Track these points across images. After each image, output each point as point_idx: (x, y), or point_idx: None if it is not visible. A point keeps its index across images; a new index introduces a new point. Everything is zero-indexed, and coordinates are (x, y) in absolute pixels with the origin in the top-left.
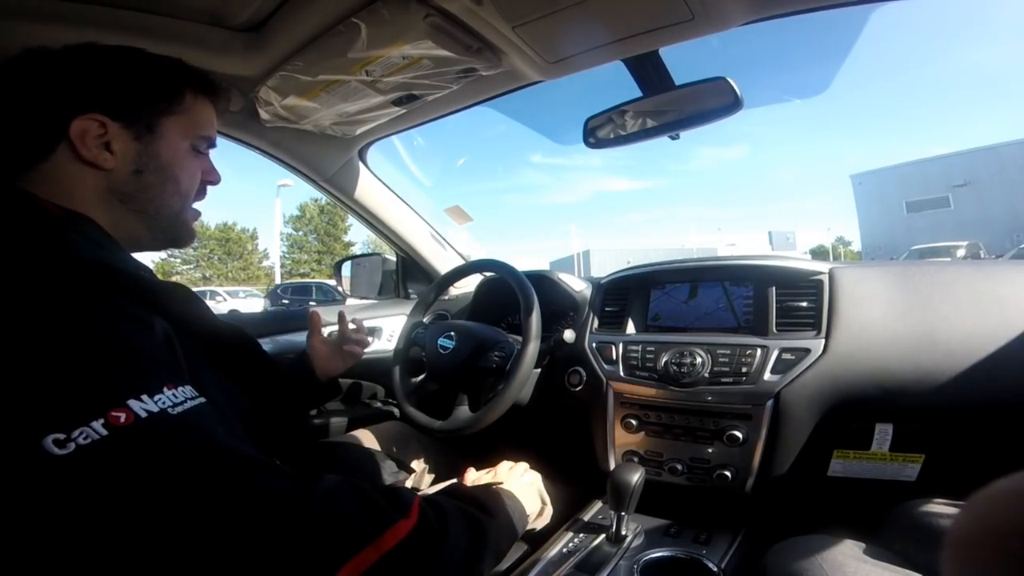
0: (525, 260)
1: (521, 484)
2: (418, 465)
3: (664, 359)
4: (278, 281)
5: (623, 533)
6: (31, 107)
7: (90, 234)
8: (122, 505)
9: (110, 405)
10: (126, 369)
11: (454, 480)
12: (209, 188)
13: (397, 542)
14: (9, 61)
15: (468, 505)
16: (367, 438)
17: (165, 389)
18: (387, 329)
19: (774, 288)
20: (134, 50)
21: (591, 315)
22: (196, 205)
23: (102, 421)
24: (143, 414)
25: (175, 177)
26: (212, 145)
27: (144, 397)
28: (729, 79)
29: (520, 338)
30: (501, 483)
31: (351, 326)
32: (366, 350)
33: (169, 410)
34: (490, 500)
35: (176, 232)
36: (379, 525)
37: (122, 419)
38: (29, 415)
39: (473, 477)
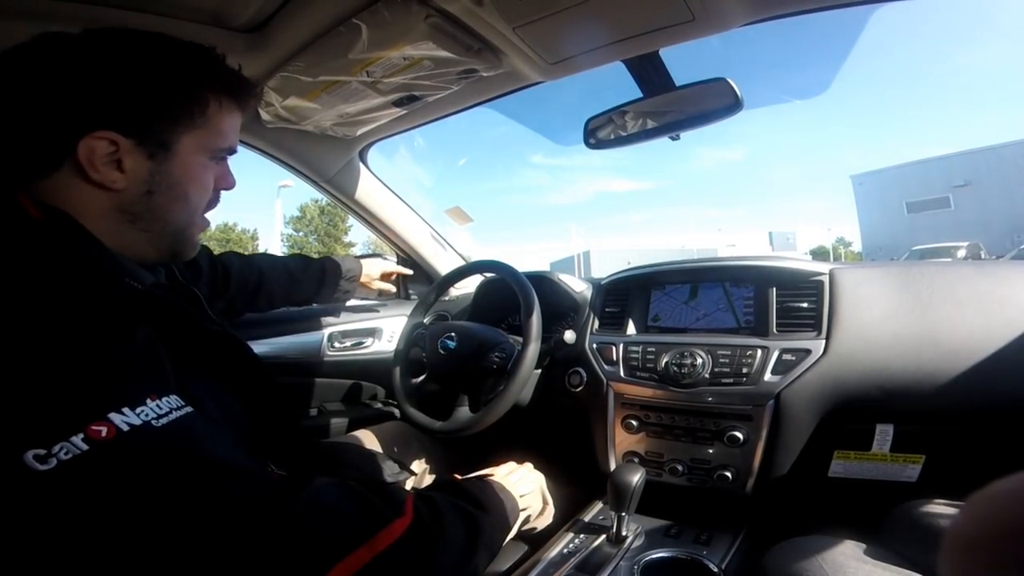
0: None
1: (513, 477)
2: (419, 466)
3: (664, 360)
4: None
5: (624, 534)
6: (36, 116)
7: (68, 237)
8: (109, 518)
9: (90, 419)
10: (106, 382)
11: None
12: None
13: (393, 541)
14: (21, 48)
15: (461, 499)
16: (368, 438)
17: (149, 401)
18: (387, 330)
19: (774, 289)
20: (159, 43)
21: (591, 316)
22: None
23: (82, 436)
24: (125, 427)
25: (185, 194)
26: (232, 152)
27: (126, 410)
28: (729, 80)
29: (520, 339)
30: (491, 475)
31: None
32: (367, 351)
33: (153, 422)
34: (482, 494)
35: (178, 247)
36: (374, 524)
37: (103, 433)
38: (9, 431)
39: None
